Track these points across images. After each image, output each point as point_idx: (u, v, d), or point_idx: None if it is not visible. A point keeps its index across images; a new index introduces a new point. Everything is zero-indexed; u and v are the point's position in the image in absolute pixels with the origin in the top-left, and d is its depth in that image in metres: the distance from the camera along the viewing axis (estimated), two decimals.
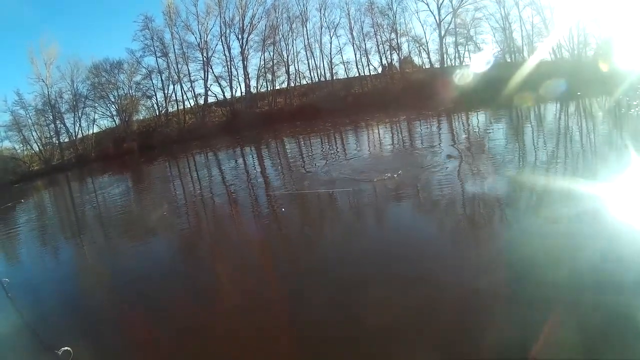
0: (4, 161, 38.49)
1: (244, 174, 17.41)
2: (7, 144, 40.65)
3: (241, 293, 6.35)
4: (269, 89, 42.82)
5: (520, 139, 14.25)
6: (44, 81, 39.48)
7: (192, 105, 43.08)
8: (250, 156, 23.93)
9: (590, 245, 5.53)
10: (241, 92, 42.75)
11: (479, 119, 21.13)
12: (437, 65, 40.45)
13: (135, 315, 6.18)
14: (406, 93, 33.68)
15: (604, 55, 27.99)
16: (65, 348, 2.21)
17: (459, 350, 4.13)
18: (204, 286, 6.95)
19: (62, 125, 41.09)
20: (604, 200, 7.07)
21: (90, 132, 41.95)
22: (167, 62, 41.58)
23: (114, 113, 41.79)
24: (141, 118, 43.21)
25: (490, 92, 24.63)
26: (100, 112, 42.12)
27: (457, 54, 40.67)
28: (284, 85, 42.92)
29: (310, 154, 19.58)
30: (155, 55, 41.61)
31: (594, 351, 3.73)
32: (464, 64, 38.78)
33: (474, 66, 25.13)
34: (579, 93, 21.90)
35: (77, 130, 41.38)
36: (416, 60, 42.71)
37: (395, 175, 10.77)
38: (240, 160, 22.85)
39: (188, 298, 6.54)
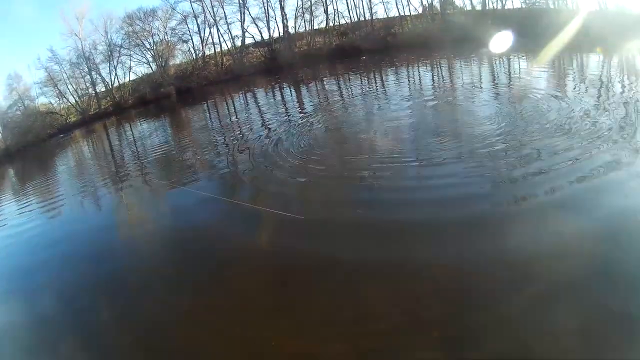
0: (42, 117, 41.11)
1: (283, 115, 18.57)
2: (42, 99, 42.96)
3: None
4: (307, 29, 43.09)
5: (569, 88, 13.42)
6: (77, 35, 41.22)
7: (229, 47, 44.17)
8: (290, 98, 24.96)
9: None
10: (279, 33, 43.20)
11: (520, 64, 20.83)
12: (478, 7, 39.28)
13: None
14: (447, 34, 33.45)
15: None
16: None
17: None
18: None
19: (97, 76, 43.00)
20: None
21: (127, 79, 44.11)
22: (202, 6, 42.31)
23: (150, 59, 43.22)
24: (178, 62, 44.64)
25: (535, 38, 23.73)
26: (136, 60, 43.72)
27: None
28: (323, 25, 43.00)
29: (350, 94, 20.70)
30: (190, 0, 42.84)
31: None
32: (505, 6, 37.85)
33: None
34: None
35: (113, 79, 43.43)
36: (457, 1, 41.68)
37: None
38: (279, 103, 23.96)
39: None
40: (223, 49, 44.11)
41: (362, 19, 42.44)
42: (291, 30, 42.84)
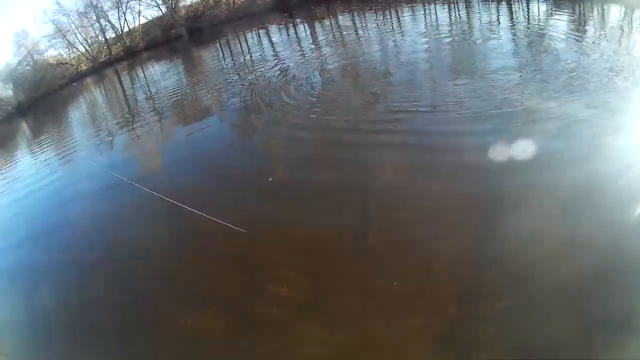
0: (52, 69, 41.12)
1: (297, 54, 18.23)
2: (52, 52, 42.76)
3: None
4: None
5: None
6: None
7: None
8: (304, 36, 24.66)
9: None
10: None
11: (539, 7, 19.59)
12: None
13: None
14: None
15: None
16: None
17: None
18: None
19: (106, 23, 42.77)
20: None
21: (137, 24, 43.45)
22: None
23: (160, 2, 42.50)
24: (188, 3, 43.74)
25: None
26: (145, 4, 43.00)
27: None
28: None
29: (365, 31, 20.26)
30: None
31: None
32: None
33: None
34: None
35: (122, 24, 43.04)
36: None
37: None
38: (293, 40, 23.74)
39: None
40: None
41: None
42: None
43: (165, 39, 39.98)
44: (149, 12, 43.51)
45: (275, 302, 4.86)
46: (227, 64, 21.63)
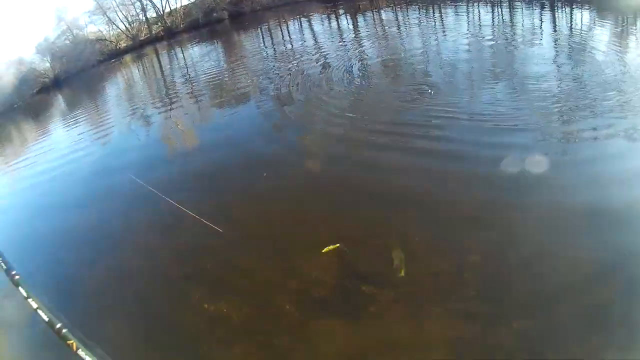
0: (91, 44, 41.91)
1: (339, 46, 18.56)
2: (92, 28, 43.59)
3: None
4: None
5: None
6: None
7: None
8: (347, 27, 24.74)
9: None
10: None
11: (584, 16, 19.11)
12: None
13: None
14: None
15: None
16: None
17: None
18: None
19: (147, 2, 43.26)
20: None
21: (178, 5, 44.07)
22: None
23: None
24: None
25: None
26: None
27: None
28: None
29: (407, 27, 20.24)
30: None
31: None
32: None
33: None
34: None
35: (164, 4, 43.61)
36: None
37: None
38: (335, 32, 24.04)
39: None
40: None
41: None
42: None
43: (206, 22, 40.47)
44: None
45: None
46: (267, 52, 21.93)
